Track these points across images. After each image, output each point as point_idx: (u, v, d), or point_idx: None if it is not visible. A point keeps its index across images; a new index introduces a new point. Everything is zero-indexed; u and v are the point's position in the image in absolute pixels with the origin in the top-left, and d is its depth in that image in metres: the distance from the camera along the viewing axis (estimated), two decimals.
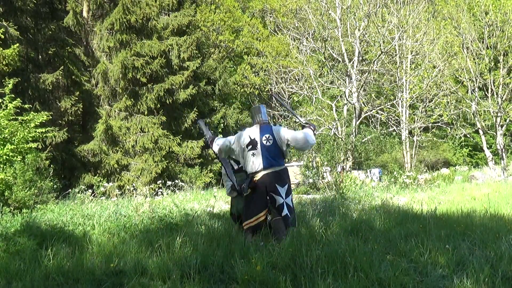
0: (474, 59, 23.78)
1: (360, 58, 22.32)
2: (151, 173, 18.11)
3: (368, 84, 23.86)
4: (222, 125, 25.26)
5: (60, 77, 17.29)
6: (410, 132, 26.07)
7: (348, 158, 18.33)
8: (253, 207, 5.66)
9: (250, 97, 32.85)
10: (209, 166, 21.81)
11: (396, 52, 23.05)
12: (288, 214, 5.65)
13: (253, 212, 5.64)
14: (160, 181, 13.09)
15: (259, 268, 4.45)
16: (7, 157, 9.75)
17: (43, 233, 6.30)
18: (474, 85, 23.63)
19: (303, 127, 6.02)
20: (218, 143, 6.02)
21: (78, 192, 10.68)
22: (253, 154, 5.69)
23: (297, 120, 6.44)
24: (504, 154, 23.40)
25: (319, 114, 22.30)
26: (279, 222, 5.61)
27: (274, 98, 23.78)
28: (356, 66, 21.51)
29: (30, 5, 16.90)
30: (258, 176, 5.67)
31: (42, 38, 17.82)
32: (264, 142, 5.70)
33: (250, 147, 5.71)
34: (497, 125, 23.17)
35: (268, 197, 5.66)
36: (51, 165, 11.87)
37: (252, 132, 5.76)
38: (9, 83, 11.23)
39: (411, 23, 22.05)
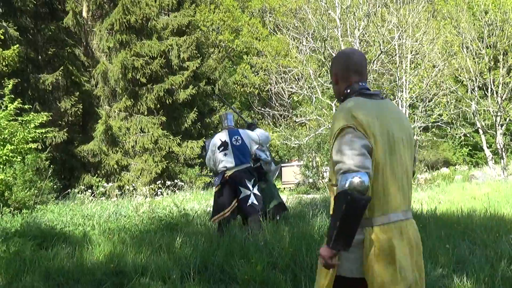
0: (474, 58, 23.76)
1: None
2: (151, 173, 18.11)
3: (367, 83, 23.85)
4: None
5: (60, 78, 17.31)
6: None
7: None
8: (222, 202, 6.39)
9: (250, 97, 32.84)
10: None
11: (395, 52, 22.99)
12: (255, 202, 6.35)
13: (222, 207, 6.36)
14: (160, 181, 13.09)
15: (259, 268, 4.45)
16: (7, 158, 9.75)
17: (43, 234, 6.31)
18: (474, 84, 23.61)
19: (250, 125, 7.14)
20: (209, 164, 6.76)
21: (78, 193, 10.69)
22: (225, 154, 6.45)
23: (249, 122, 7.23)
24: (504, 154, 23.37)
25: (319, 114, 22.29)
26: (252, 214, 6.30)
27: (218, 98, 23.93)
28: None
29: (29, 6, 16.91)
30: (229, 172, 6.39)
31: (41, 38, 17.83)
32: (234, 142, 6.49)
33: (221, 148, 6.47)
34: (497, 125, 23.14)
35: (236, 191, 6.37)
36: (51, 166, 11.87)
37: (222, 136, 6.58)
38: (9, 84, 11.23)
39: (410, 22, 22.01)
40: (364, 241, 2.07)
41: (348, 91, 2.29)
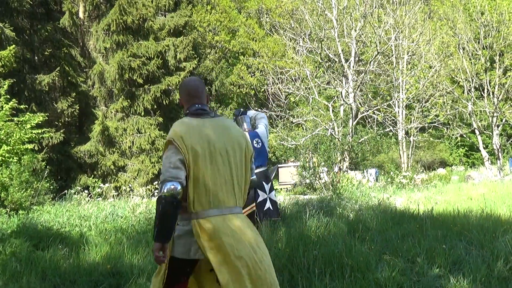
0: (470, 59, 23.81)
1: (357, 59, 22.34)
2: (147, 174, 18.08)
3: (364, 84, 23.87)
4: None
5: (56, 78, 17.27)
6: (406, 133, 26.10)
7: (345, 159, 18.35)
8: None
9: (246, 97, 32.84)
10: None
11: (392, 53, 23.05)
12: (271, 207, 6.41)
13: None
14: (156, 182, 13.05)
15: None
16: (3, 158, 9.73)
17: (40, 235, 6.29)
18: (470, 85, 23.66)
19: (243, 112, 6.86)
20: None
21: (75, 193, 10.66)
22: None
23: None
24: (500, 154, 23.44)
25: (315, 115, 22.32)
26: (264, 220, 6.31)
27: None
28: (353, 67, 21.53)
29: (26, 6, 16.86)
30: None
31: (38, 39, 17.78)
32: (255, 145, 6.35)
33: None
34: (493, 125, 23.21)
35: (254, 194, 6.28)
36: (47, 166, 11.85)
37: None
38: (4, 84, 11.21)
39: (407, 23, 22.07)
40: (193, 231, 2.59)
41: (187, 112, 2.86)
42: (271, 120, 24.31)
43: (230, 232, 2.61)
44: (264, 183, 6.40)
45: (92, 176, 17.72)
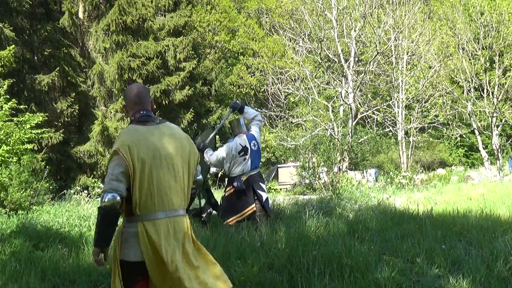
0: (469, 59, 23.80)
1: (356, 59, 22.35)
2: None
3: (364, 84, 23.89)
4: (218, 125, 25.19)
5: (56, 78, 17.25)
6: (406, 133, 26.11)
7: (345, 159, 18.34)
8: (241, 203, 6.51)
9: (246, 97, 32.83)
10: None
11: (392, 53, 23.07)
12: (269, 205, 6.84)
13: (242, 207, 6.50)
14: None
15: (256, 269, 4.45)
16: (3, 158, 9.72)
17: (39, 235, 6.29)
18: (469, 85, 23.65)
19: (241, 108, 6.84)
20: (211, 159, 6.64)
21: (74, 194, 10.65)
22: (244, 159, 6.59)
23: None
24: (499, 154, 23.45)
25: (315, 115, 22.31)
26: (262, 217, 6.56)
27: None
28: (352, 67, 21.54)
29: (25, 6, 16.85)
30: (245, 177, 6.56)
31: (37, 39, 17.76)
32: (253, 147, 6.67)
33: (242, 153, 6.60)
34: (492, 126, 23.21)
35: (252, 194, 6.53)
36: (47, 166, 11.83)
37: (242, 141, 6.65)
38: (4, 84, 11.19)
39: (406, 23, 22.08)
40: (138, 233, 2.72)
41: (132, 118, 2.94)
42: (271, 120, 24.33)
43: (168, 234, 2.77)
44: (261, 183, 6.66)
45: (92, 176, 17.71)
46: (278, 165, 21.37)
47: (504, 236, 5.60)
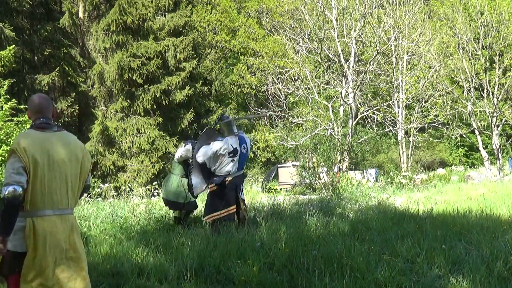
0: (469, 59, 23.78)
1: (356, 59, 22.34)
2: (147, 174, 18.08)
3: (364, 84, 23.89)
4: (218, 125, 25.20)
5: (56, 78, 17.27)
6: (406, 133, 26.10)
7: (345, 159, 18.35)
8: (224, 202, 6.69)
9: (246, 97, 32.84)
10: None
11: (392, 53, 23.07)
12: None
13: (224, 206, 6.68)
14: (156, 182, 13.05)
15: (256, 269, 4.45)
16: (3, 158, 9.71)
17: None
18: (470, 85, 23.64)
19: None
20: (201, 157, 6.79)
21: None
22: (233, 160, 6.77)
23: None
24: (499, 154, 23.43)
25: (315, 115, 22.31)
26: (245, 213, 6.94)
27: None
28: (352, 67, 21.54)
29: (25, 6, 16.88)
30: (230, 178, 6.73)
31: (37, 39, 17.78)
32: (242, 150, 6.89)
33: (231, 154, 6.75)
34: (493, 125, 23.20)
35: (235, 195, 6.80)
36: None
37: (234, 143, 6.82)
38: (4, 84, 11.19)
39: (407, 23, 22.08)
40: (25, 227, 2.97)
41: (33, 125, 3.21)
42: (271, 120, 24.33)
43: (58, 232, 3.05)
44: (242, 186, 7.02)
45: (92, 176, 17.70)
46: (278, 165, 21.34)
47: (504, 236, 5.61)
